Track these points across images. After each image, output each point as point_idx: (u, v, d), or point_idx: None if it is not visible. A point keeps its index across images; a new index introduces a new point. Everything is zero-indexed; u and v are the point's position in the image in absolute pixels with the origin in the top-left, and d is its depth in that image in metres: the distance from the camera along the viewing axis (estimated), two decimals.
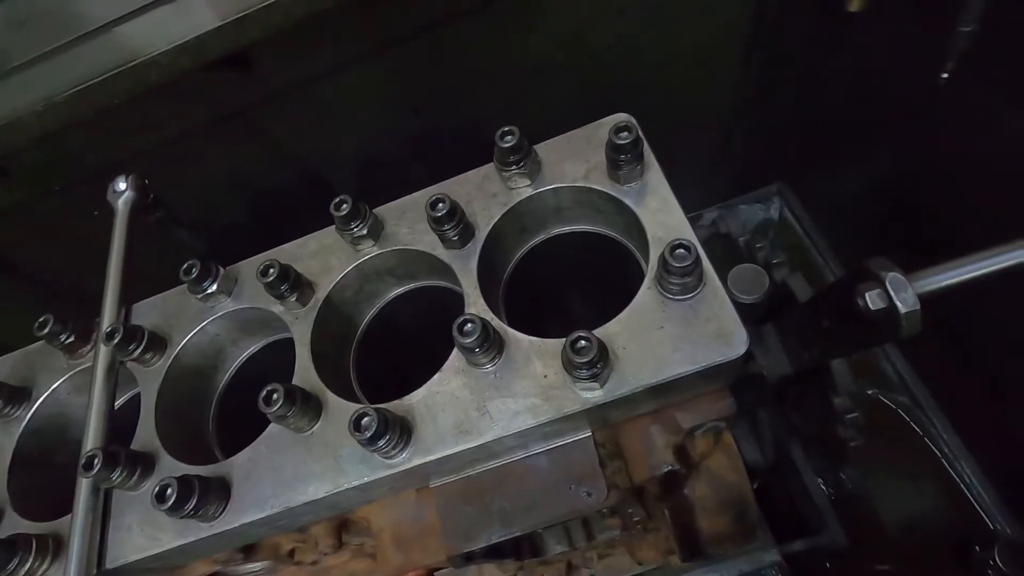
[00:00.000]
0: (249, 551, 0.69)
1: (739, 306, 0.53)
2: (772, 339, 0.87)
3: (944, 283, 0.55)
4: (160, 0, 0.96)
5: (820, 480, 1.31)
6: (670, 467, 0.58)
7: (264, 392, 0.52)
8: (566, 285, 0.67)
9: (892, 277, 0.54)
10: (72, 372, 0.70)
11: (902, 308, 0.53)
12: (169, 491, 0.51)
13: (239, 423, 0.70)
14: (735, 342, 0.49)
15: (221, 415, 0.71)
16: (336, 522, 0.68)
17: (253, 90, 1.09)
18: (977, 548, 1.11)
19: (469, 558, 0.65)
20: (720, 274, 0.51)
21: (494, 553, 0.72)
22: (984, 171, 0.93)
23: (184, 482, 0.52)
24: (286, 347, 0.73)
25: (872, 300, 0.54)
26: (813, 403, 0.95)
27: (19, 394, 0.69)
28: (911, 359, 1.35)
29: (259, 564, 0.80)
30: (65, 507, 0.68)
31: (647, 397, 0.52)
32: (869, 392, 1.41)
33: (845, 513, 1.26)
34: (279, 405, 0.52)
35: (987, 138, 0.91)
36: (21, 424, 0.68)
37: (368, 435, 0.49)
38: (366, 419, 0.49)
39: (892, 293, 0.53)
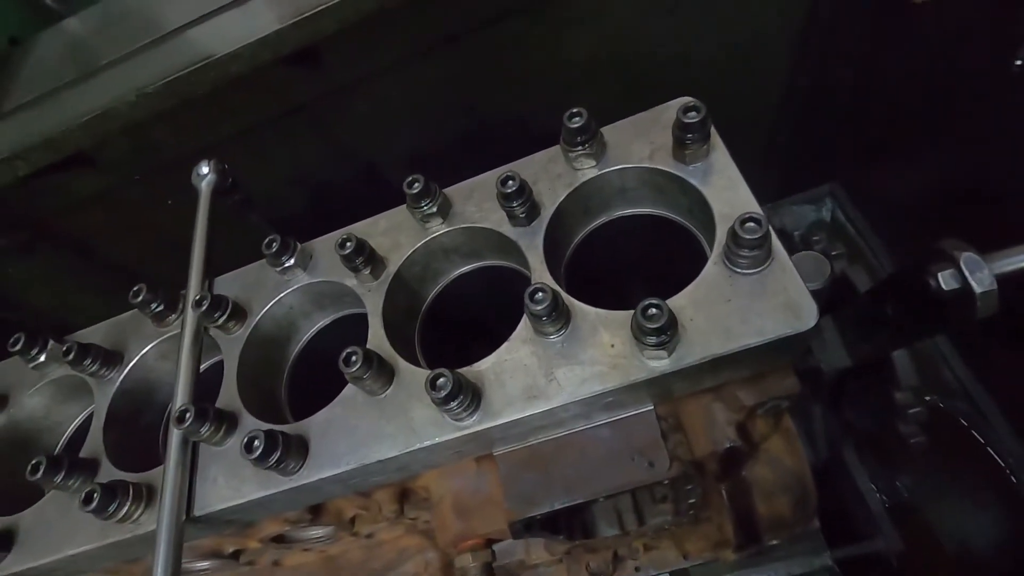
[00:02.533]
0: (316, 513, 0.72)
1: None
2: (830, 332, 0.86)
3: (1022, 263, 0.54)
4: (234, 3, 1.03)
5: (874, 487, 1.27)
6: (732, 443, 0.59)
7: (344, 353, 0.56)
8: (627, 266, 0.68)
9: (967, 257, 0.53)
10: (160, 339, 0.76)
11: (978, 288, 0.52)
12: (256, 442, 0.55)
13: (308, 391, 0.74)
14: (804, 314, 0.50)
15: (292, 382, 0.75)
16: (398, 489, 0.71)
17: (319, 85, 1.15)
18: None
19: (528, 527, 0.66)
20: None
21: (550, 525, 0.73)
22: None
23: (270, 435, 0.56)
24: (352, 322, 0.77)
25: (945, 280, 0.53)
26: (872, 398, 0.93)
27: (113, 357, 0.75)
28: (973, 366, 1.30)
29: (322, 530, 0.84)
30: (151, 462, 0.73)
31: (712, 369, 0.53)
32: (928, 399, 1.37)
33: (899, 522, 1.22)
34: (358, 366, 0.55)
35: None
36: (114, 385, 0.74)
37: (443, 394, 0.51)
38: (441, 379, 0.52)
39: (967, 273, 0.53)
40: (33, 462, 0.63)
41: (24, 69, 1.16)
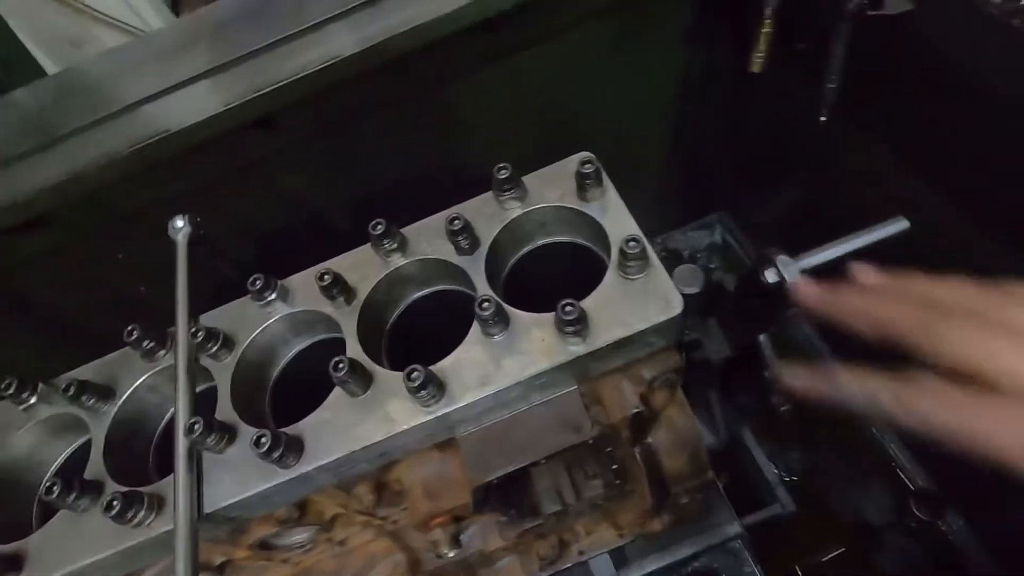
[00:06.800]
0: (302, 511, 0.84)
1: (683, 297, 0.74)
2: (713, 328, 1.09)
3: (821, 259, 0.78)
4: (189, 80, 1.16)
5: (769, 460, 1.51)
6: (637, 409, 0.77)
7: (333, 361, 0.70)
8: (549, 280, 0.87)
9: (781, 258, 0.76)
10: (149, 373, 0.85)
11: (789, 279, 0.75)
12: (263, 439, 0.68)
13: (288, 404, 0.87)
14: (674, 304, 0.70)
15: (274, 398, 0.87)
16: (375, 482, 0.84)
17: (270, 145, 1.28)
18: (896, 502, 1.33)
19: (486, 498, 0.82)
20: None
21: (503, 497, 0.89)
22: (862, 185, 1.21)
23: (274, 433, 0.68)
24: (325, 347, 0.91)
25: (769, 275, 0.76)
26: (751, 380, 1.16)
27: (106, 392, 0.84)
28: (831, 342, 1.59)
29: (303, 534, 0.94)
30: (149, 478, 0.82)
31: (616, 350, 0.72)
32: None
33: (792, 488, 1.46)
34: (345, 371, 0.70)
35: (864, 159, 1.18)
36: (109, 416, 0.82)
37: (416, 384, 0.67)
38: (415, 373, 0.67)
39: (781, 268, 0.75)
40: (48, 484, 0.71)
41: None
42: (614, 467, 0.89)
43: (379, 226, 0.81)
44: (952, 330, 0.35)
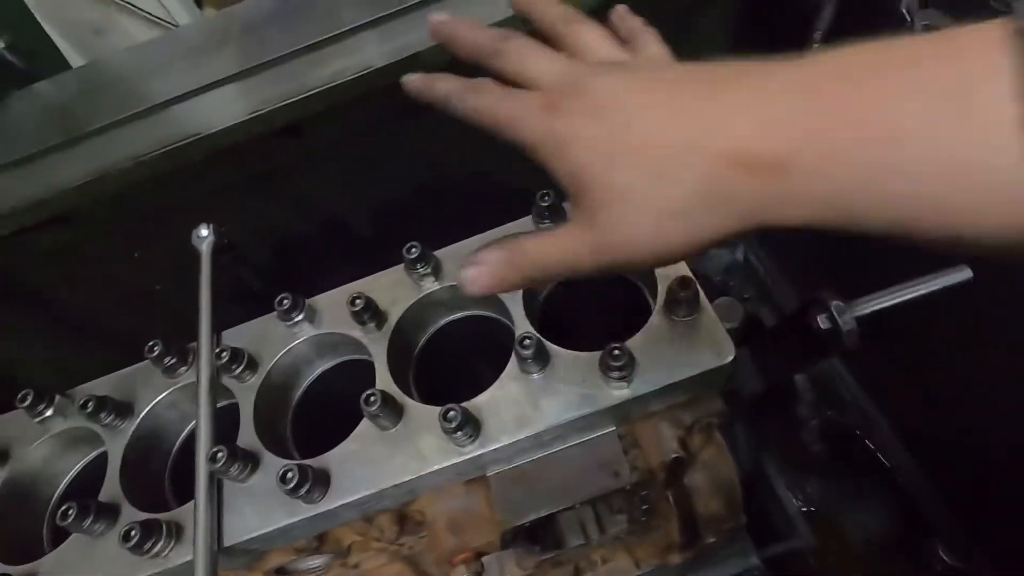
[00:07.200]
0: (321, 541, 0.81)
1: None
2: (745, 362, 1.06)
3: (877, 307, 0.74)
4: (221, 81, 1.13)
5: (790, 492, 1.48)
6: (676, 454, 0.74)
7: (365, 395, 0.67)
8: (589, 316, 0.84)
9: (836, 304, 0.72)
10: (170, 390, 0.83)
11: (844, 328, 0.71)
12: (290, 474, 0.65)
13: (311, 428, 0.84)
14: (725, 351, 0.67)
15: (296, 421, 0.84)
16: (398, 513, 0.81)
17: (295, 151, 1.25)
18: (923, 543, 1.29)
19: (514, 537, 0.79)
20: None
21: (531, 535, 0.86)
22: None
23: (301, 468, 0.65)
24: (349, 367, 0.88)
25: (822, 322, 0.72)
26: (782, 416, 1.13)
27: (124, 408, 0.81)
28: (862, 383, 1.55)
29: (318, 560, 0.92)
30: (165, 502, 0.80)
31: (660, 396, 0.69)
32: (827, 413, 1.61)
33: (812, 521, 1.42)
34: (377, 405, 0.66)
35: None
36: (127, 434, 0.80)
37: (453, 425, 0.64)
38: (452, 412, 0.64)
39: (837, 316, 0.72)
40: (63, 508, 0.68)
41: None
42: (644, 507, 0.86)
43: (414, 249, 0.78)
44: (512, 51, 0.42)
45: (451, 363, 0.87)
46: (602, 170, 0.35)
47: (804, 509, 1.55)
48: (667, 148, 0.33)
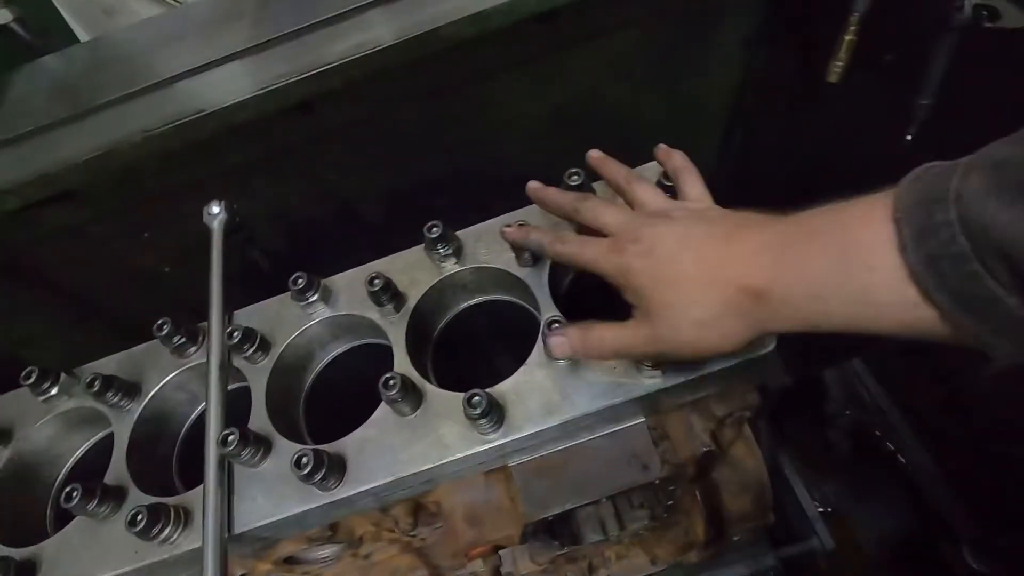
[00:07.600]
0: (334, 530, 0.78)
1: None
2: (773, 357, 1.02)
3: None
4: (233, 55, 1.09)
5: (808, 493, 1.44)
6: (707, 448, 0.71)
7: (384, 379, 0.64)
8: (612, 297, 0.80)
9: None
10: (179, 370, 0.80)
11: None
12: (305, 459, 0.61)
13: (324, 413, 0.81)
14: (766, 341, 0.63)
15: (309, 405, 0.81)
16: (414, 503, 0.78)
17: (308, 131, 1.22)
18: (945, 548, 1.25)
19: (535, 531, 0.75)
20: None
21: (551, 530, 0.82)
22: None
23: (316, 453, 0.62)
24: (364, 351, 0.85)
25: None
26: (806, 410, 1.09)
27: (131, 388, 0.78)
28: (883, 384, 1.51)
29: (329, 550, 0.89)
30: (172, 486, 0.77)
31: (693, 387, 0.65)
32: (847, 412, 1.57)
33: (830, 523, 1.39)
34: (396, 389, 0.63)
35: None
36: (134, 415, 0.77)
37: (477, 411, 0.60)
38: (476, 398, 0.61)
39: None
40: (68, 490, 0.65)
41: (6, 103, 1.16)
42: (669, 503, 0.82)
43: (435, 228, 0.74)
44: (587, 209, 0.60)
45: (471, 349, 0.84)
46: (651, 292, 0.52)
47: (822, 510, 1.51)
48: (696, 280, 0.50)
